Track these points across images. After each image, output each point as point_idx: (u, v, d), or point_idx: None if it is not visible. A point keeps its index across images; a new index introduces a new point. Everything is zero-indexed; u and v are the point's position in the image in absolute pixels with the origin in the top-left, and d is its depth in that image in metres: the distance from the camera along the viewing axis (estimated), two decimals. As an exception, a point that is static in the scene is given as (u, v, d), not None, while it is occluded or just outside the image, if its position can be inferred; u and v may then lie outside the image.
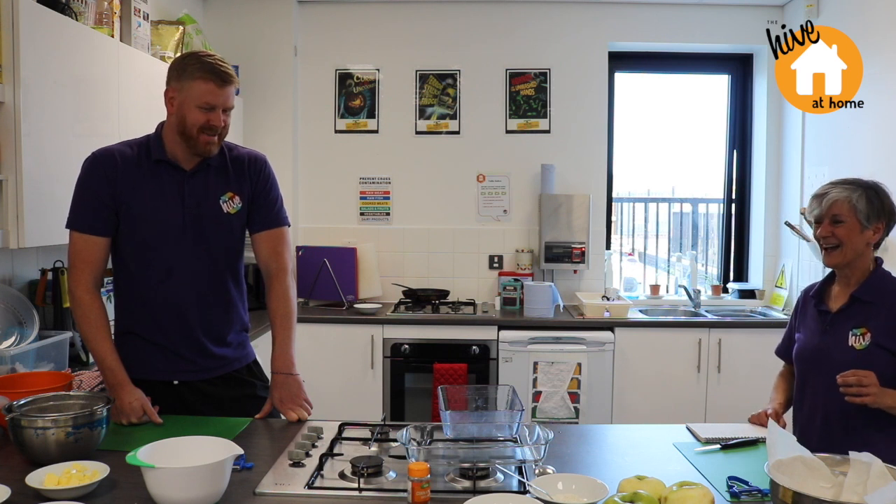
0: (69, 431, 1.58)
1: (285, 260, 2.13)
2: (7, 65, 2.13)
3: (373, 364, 3.84)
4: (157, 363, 2.03)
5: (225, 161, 2.06)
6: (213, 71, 1.91)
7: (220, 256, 2.05)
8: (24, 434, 1.57)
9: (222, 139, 2.00)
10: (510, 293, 4.12)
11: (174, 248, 1.98)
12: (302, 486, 1.52)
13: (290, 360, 2.05)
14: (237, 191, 2.05)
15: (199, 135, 1.93)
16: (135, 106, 2.88)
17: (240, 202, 2.05)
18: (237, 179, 2.06)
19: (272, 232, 2.11)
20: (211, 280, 2.04)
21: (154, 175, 1.99)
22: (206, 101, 1.91)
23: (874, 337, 1.84)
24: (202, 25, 4.00)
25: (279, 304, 2.08)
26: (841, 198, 1.90)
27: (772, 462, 1.39)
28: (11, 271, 2.64)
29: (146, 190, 1.97)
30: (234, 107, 1.99)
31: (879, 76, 3.23)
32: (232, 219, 2.04)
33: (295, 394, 2.01)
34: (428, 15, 4.41)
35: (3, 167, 2.16)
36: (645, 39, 4.42)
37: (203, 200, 2.01)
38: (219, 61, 1.94)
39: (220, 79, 1.92)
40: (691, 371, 3.84)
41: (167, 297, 2.00)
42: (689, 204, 4.84)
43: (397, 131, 4.45)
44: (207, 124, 1.93)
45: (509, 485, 1.54)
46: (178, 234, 1.98)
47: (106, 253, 2.00)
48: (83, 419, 1.61)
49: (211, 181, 2.03)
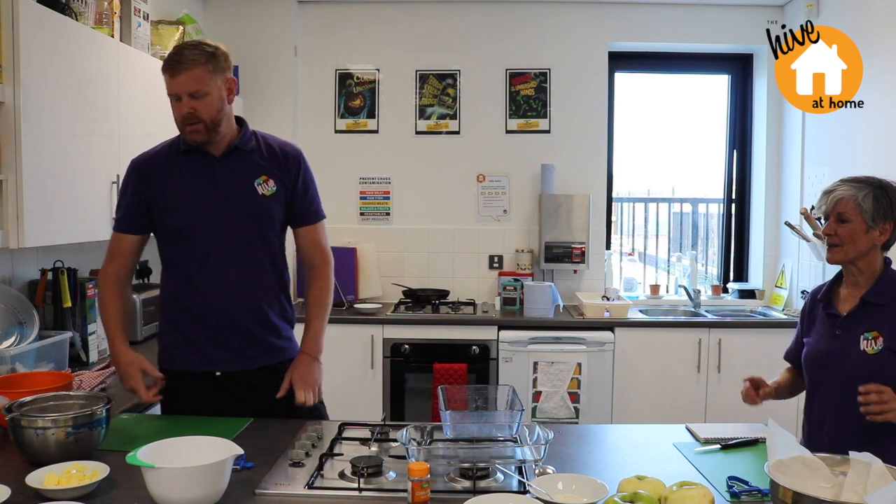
0: (69, 431, 1.58)
1: (327, 252, 2.18)
2: (7, 65, 2.13)
3: (373, 364, 3.84)
4: (198, 354, 2.04)
5: (258, 146, 2.08)
6: (165, 62, 1.93)
7: (257, 242, 2.04)
8: (24, 434, 1.57)
9: (209, 126, 1.97)
10: (510, 293, 4.12)
11: (208, 233, 2.01)
12: (302, 486, 1.52)
13: (318, 345, 2.10)
14: (272, 174, 2.05)
15: (183, 127, 1.96)
16: (135, 106, 2.88)
17: (274, 185, 2.05)
18: (272, 164, 2.06)
19: (313, 227, 2.15)
20: (248, 266, 2.03)
21: (183, 165, 2.04)
22: (169, 92, 1.95)
23: (886, 341, 1.80)
24: (202, 25, 4.00)
25: (319, 294, 2.15)
26: (847, 196, 1.87)
27: (772, 462, 1.39)
28: (11, 271, 2.64)
29: (176, 180, 2.02)
30: (204, 92, 1.93)
31: (879, 76, 3.23)
32: (268, 201, 2.04)
33: (313, 378, 2.03)
34: (428, 15, 4.41)
35: (3, 167, 2.16)
36: (645, 39, 4.42)
37: (236, 183, 2.02)
38: (177, 50, 1.94)
39: (171, 67, 1.92)
40: (691, 371, 3.84)
41: (205, 283, 2.02)
42: (689, 204, 4.84)
43: (397, 131, 4.45)
44: (180, 115, 1.95)
45: (509, 485, 1.54)
46: (211, 218, 2.00)
47: (134, 248, 2.10)
48: (83, 419, 1.61)
49: (243, 165, 2.04)
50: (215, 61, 1.96)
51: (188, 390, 2.06)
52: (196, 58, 1.92)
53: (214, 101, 1.97)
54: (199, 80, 1.93)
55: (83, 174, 2.53)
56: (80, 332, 2.71)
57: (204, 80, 1.93)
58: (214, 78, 1.96)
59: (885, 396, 1.70)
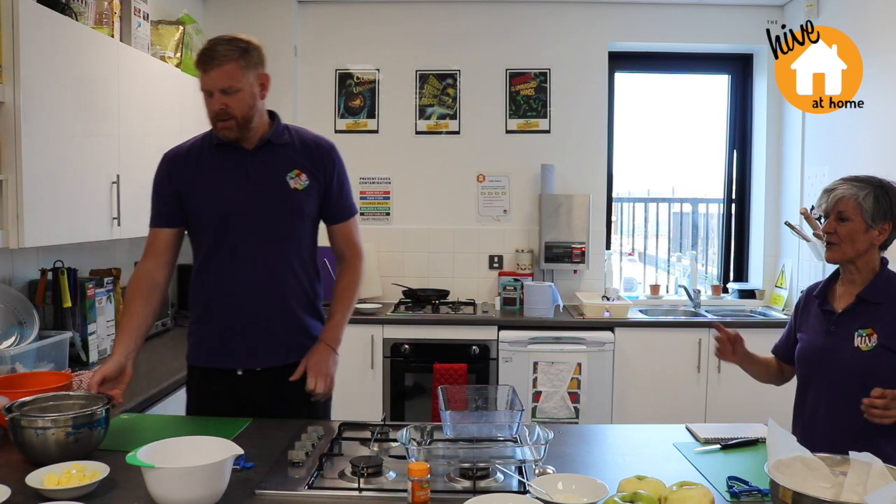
0: (69, 431, 1.58)
1: (359, 247, 2.18)
2: (7, 65, 2.13)
3: (373, 364, 3.84)
4: (223, 350, 2.03)
5: (290, 140, 2.06)
6: (198, 57, 1.93)
7: (288, 237, 2.02)
8: (24, 434, 1.57)
9: (240, 122, 1.96)
10: (510, 293, 4.12)
11: (238, 227, 1.99)
12: (302, 486, 1.52)
13: (338, 336, 2.08)
14: (304, 169, 2.04)
15: (215, 122, 1.96)
16: (135, 106, 2.88)
17: (307, 179, 2.03)
18: (305, 159, 2.05)
19: (346, 223, 2.15)
20: (278, 262, 2.01)
21: (215, 158, 2.04)
22: (202, 87, 1.94)
23: (880, 338, 1.82)
24: (202, 25, 4.00)
25: (346, 285, 2.13)
26: (847, 195, 1.88)
27: (772, 462, 1.39)
28: (11, 271, 2.64)
29: (208, 173, 2.02)
30: (237, 88, 1.92)
31: (879, 76, 3.23)
32: (300, 195, 2.02)
33: (328, 367, 2.01)
34: (428, 15, 4.41)
35: (3, 167, 2.16)
36: (645, 39, 4.42)
37: (268, 177, 2.01)
38: (210, 45, 1.92)
39: (203, 63, 1.91)
40: (691, 371, 3.84)
41: (233, 278, 2.01)
42: (689, 204, 4.84)
43: (397, 131, 4.45)
44: (211, 111, 1.95)
45: (509, 485, 1.54)
46: (241, 212, 1.99)
47: (169, 243, 2.08)
48: (83, 419, 1.61)
49: (275, 158, 2.03)
50: (248, 57, 1.94)
51: (211, 388, 2.05)
52: (228, 53, 1.90)
53: (246, 98, 1.95)
54: (231, 76, 1.91)
55: (83, 174, 2.53)
56: (80, 332, 2.71)
57: (236, 76, 1.92)
58: (247, 74, 1.94)
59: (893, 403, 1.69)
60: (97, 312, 2.80)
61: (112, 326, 2.92)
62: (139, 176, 2.92)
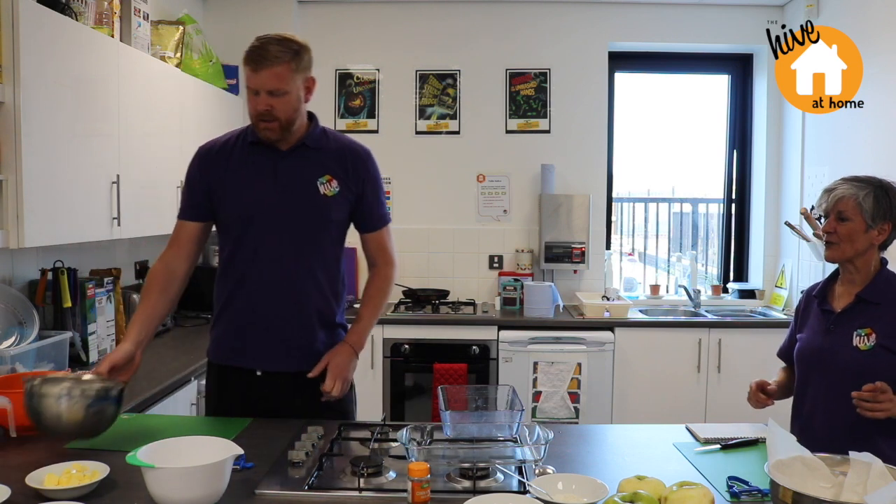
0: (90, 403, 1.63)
1: (391, 255, 2.16)
2: (7, 65, 2.13)
3: (373, 364, 3.84)
4: (243, 349, 2.01)
5: (326, 144, 2.03)
6: (249, 54, 1.88)
7: (311, 242, 1.99)
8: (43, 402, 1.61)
9: (283, 124, 1.92)
10: (510, 293, 4.12)
11: (262, 227, 1.97)
12: (302, 486, 1.52)
13: (362, 340, 2.07)
14: (336, 175, 2.00)
15: (257, 122, 1.92)
16: (135, 106, 2.88)
17: (338, 186, 2.00)
18: (338, 165, 2.01)
19: (379, 234, 2.13)
20: (299, 266, 1.98)
21: (248, 157, 2.01)
22: (247, 85, 1.90)
23: (879, 338, 1.83)
24: (202, 25, 4.00)
25: (376, 292, 2.12)
26: (847, 195, 1.88)
27: (772, 462, 1.39)
28: (11, 271, 2.64)
29: (240, 171, 2.00)
30: (285, 90, 1.89)
31: (879, 76, 3.23)
32: (329, 202, 1.99)
33: (347, 370, 2.01)
34: (428, 15, 4.41)
35: (3, 167, 2.16)
36: (645, 39, 4.42)
37: (298, 180, 1.98)
38: (262, 43, 1.88)
39: (254, 61, 1.86)
40: (691, 371, 3.84)
41: (253, 278, 1.98)
42: (689, 204, 4.84)
43: (397, 131, 4.45)
44: (255, 110, 1.90)
45: (509, 485, 1.54)
46: (266, 213, 1.97)
47: (194, 236, 2.05)
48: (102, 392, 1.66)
49: (307, 162, 1.99)
50: (299, 60, 1.92)
51: (230, 387, 2.04)
52: (281, 55, 1.87)
53: (293, 101, 1.92)
54: (281, 78, 1.88)
55: (83, 174, 2.53)
56: (80, 332, 2.71)
57: (286, 79, 1.89)
58: (296, 77, 1.91)
59: (882, 397, 1.72)
60: (97, 312, 2.79)
61: (112, 326, 2.92)
62: (139, 176, 2.92)
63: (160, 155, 3.13)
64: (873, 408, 1.72)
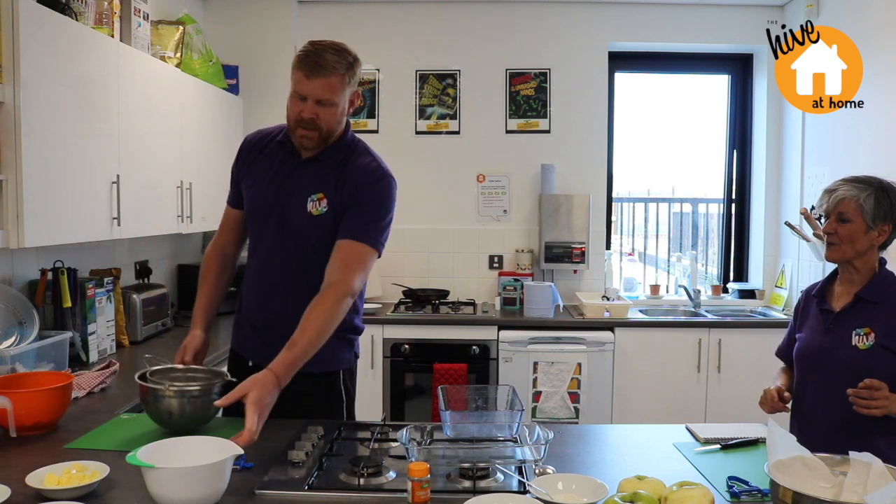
0: (214, 397, 1.77)
1: (350, 277, 1.85)
2: (7, 65, 2.13)
3: (373, 364, 3.84)
4: (250, 343, 2.06)
5: (339, 161, 1.96)
6: (303, 59, 1.84)
7: (298, 253, 1.97)
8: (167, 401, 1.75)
9: (323, 135, 1.90)
10: (510, 293, 4.12)
11: (262, 227, 2.01)
12: (302, 486, 1.52)
13: (291, 371, 1.73)
14: (329, 195, 1.93)
15: (296, 127, 1.90)
16: (135, 106, 2.88)
17: (326, 206, 1.93)
18: (336, 185, 1.93)
19: (349, 243, 1.88)
20: (286, 271, 1.97)
21: (272, 156, 2.02)
22: (296, 90, 1.86)
23: (878, 337, 1.84)
24: (202, 25, 4.00)
25: (318, 314, 1.80)
26: (848, 196, 1.89)
27: (772, 462, 1.39)
28: (11, 271, 2.64)
29: (262, 167, 2.02)
30: (334, 102, 1.87)
31: (879, 76, 3.23)
32: (314, 221, 1.93)
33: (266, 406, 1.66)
34: (428, 15, 4.41)
35: (3, 167, 2.16)
36: (645, 39, 4.42)
37: (296, 192, 1.96)
38: (319, 49, 1.85)
39: (308, 67, 1.83)
40: (691, 371, 3.84)
41: (252, 272, 2.04)
42: (689, 204, 4.84)
43: (397, 131, 4.45)
44: (299, 116, 1.87)
45: (509, 485, 1.54)
46: (267, 215, 1.99)
47: (237, 222, 2.12)
48: (224, 386, 1.80)
49: (312, 176, 1.95)
50: (352, 73, 1.90)
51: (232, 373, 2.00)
52: (337, 66, 1.85)
53: (337, 114, 1.91)
54: (334, 89, 1.86)
55: (83, 174, 2.53)
56: (80, 332, 2.71)
57: (337, 91, 1.87)
58: (346, 90, 1.90)
59: (877, 394, 1.73)
60: (97, 312, 2.80)
61: (112, 326, 2.92)
62: (139, 176, 2.92)
63: (160, 155, 3.13)
64: (868, 405, 1.74)
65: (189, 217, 3.37)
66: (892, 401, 1.74)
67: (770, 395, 1.96)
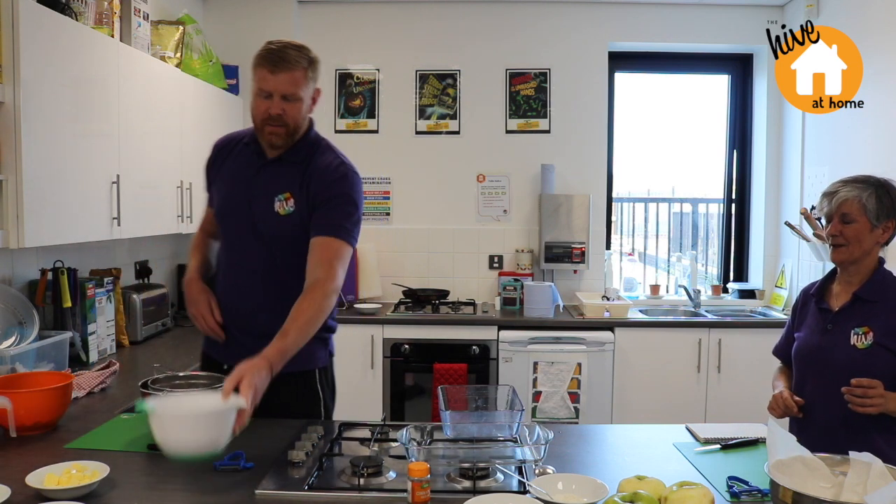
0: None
1: (332, 273, 1.88)
2: (7, 65, 2.13)
3: (373, 364, 3.84)
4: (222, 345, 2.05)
5: (305, 160, 1.98)
6: (266, 56, 1.87)
7: (266, 254, 1.98)
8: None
9: (290, 131, 1.93)
10: (510, 293, 4.12)
11: (230, 228, 2.03)
12: (302, 486, 1.52)
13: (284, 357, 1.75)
14: (296, 194, 1.95)
15: (264, 125, 1.92)
16: (135, 106, 2.88)
17: (293, 206, 1.94)
18: (302, 184, 1.95)
19: (325, 241, 1.91)
20: (253, 273, 1.98)
21: (239, 158, 2.05)
22: (261, 87, 1.89)
23: (876, 336, 1.84)
24: (202, 25, 4.00)
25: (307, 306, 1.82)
26: (850, 197, 1.89)
27: (772, 462, 1.39)
28: (11, 271, 2.64)
29: (230, 168, 2.06)
30: (299, 96, 1.90)
31: (879, 76, 3.23)
32: (281, 220, 1.95)
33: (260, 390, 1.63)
34: (428, 15, 4.41)
35: (3, 167, 2.16)
36: (645, 39, 4.42)
37: (263, 193, 1.98)
38: (280, 46, 1.89)
39: (272, 63, 1.86)
40: (691, 371, 3.84)
41: (228, 277, 2.04)
42: (689, 204, 4.84)
43: (397, 131, 4.45)
44: (266, 113, 1.90)
45: (509, 485, 1.54)
46: (235, 216, 2.01)
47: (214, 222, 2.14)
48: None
49: (278, 176, 1.97)
50: (314, 68, 1.94)
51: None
52: (299, 60, 1.89)
53: (303, 108, 1.94)
54: (297, 83, 1.89)
55: (83, 174, 2.53)
56: (80, 332, 2.71)
57: (301, 85, 1.90)
58: (309, 84, 1.93)
59: (871, 392, 1.73)
60: (97, 312, 2.80)
61: (112, 326, 2.92)
62: (139, 176, 2.92)
63: (160, 155, 3.13)
64: (863, 402, 1.74)
65: (189, 217, 3.37)
66: (887, 398, 1.74)
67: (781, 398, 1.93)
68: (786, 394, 1.95)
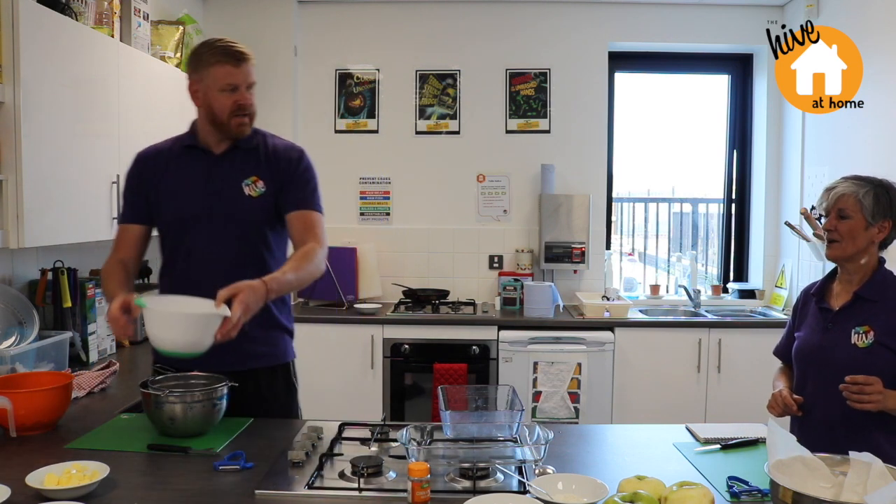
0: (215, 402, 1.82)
1: (321, 237, 2.02)
2: (7, 65, 2.13)
3: (373, 364, 3.84)
4: None
5: (258, 146, 2.07)
6: (227, 52, 1.96)
7: (241, 243, 2.01)
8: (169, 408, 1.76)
9: (253, 118, 2.03)
10: (510, 293, 4.12)
11: (194, 230, 2.02)
12: (302, 486, 1.52)
13: (280, 285, 1.82)
14: (263, 176, 2.03)
15: (231, 119, 1.98)
16: (135, 106, 2.88)
17: (263, 187, 2.02)
18: (267, 166, 2.04)
19: (304, 213, 2.04)
20: (229, 267, 1.96)
21: (182, 161, 2.06)
22: (227, 82, 1.96)
23: (877, 335, 1.84)
24: (202, 25, 4.00)
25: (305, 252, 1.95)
26: (848, 192, 1.90)
27: (772, 462, 1.39)
28: (11, 271, 2.64)
29: (174, 175, 2.05)
30: (255, 83, 2.02)
31: (879, 76, 3.23)
32: (254, 203, 2.01)
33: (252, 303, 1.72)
34: (428, 15, 4.41)
35: (3, 167, 2.16)
36: (645, 39, 4.42)
37: (227, 183, 2.02)
38: (230, 43, 1.99)
39: (235, 58, 1.96)
40: (691, 371, 3.84)
41: (187, 280, 1.99)
42: (689, 204, 4.84)
43: (397, 131, 4.45)
44: (235, 105, 1.97)
45: (509, 485, 1.54)
46: (198, 216, 2.01)
47: (136, 239, 2.11)
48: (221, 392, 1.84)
49: (238, 164, 2.04)
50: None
51: None
52: (249, 52, 2.01)
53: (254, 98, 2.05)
54: (254, 72, 2.02)
55: (83, 174, 2.53)
56: (80, 332, 2.71)
57: (254, 74, 2.03)
58: None
59: (869, 389, 1.74)
60: (97, 312, 2.80)
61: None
62: (139, 176, 2.92)
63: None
64: (860, 398, 1.74)
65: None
66: (886, 396, 1.74)
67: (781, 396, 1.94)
68: (785, 392, 1.95)
